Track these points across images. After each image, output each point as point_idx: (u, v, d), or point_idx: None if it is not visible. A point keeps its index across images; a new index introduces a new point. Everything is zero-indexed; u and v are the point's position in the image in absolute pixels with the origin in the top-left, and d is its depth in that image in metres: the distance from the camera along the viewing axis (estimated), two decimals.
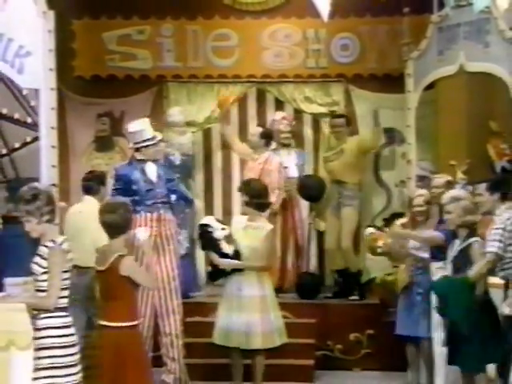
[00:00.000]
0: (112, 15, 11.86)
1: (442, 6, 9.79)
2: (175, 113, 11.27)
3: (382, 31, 11.80)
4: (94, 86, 11.86)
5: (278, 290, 9.93)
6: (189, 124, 11.64)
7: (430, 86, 10.45)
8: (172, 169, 10.29)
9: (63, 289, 6.26)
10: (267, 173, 10.82)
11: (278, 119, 11.45)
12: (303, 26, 11.88)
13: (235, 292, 8.64)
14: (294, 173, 11.22)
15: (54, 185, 8.39)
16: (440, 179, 9.06)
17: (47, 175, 8.68)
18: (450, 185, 8.93)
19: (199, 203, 11.23)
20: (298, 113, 12.07)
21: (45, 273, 6.17)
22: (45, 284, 6.15)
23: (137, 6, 11.78)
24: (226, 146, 11.81)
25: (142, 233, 7.08)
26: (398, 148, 11.52)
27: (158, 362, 9.24)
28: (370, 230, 9.51)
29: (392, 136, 11.65)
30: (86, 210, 8.75)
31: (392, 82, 11.18)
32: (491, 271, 7.31)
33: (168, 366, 9.36)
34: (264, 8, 11.95)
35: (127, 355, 6.59)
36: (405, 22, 10.43)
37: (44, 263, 6.18)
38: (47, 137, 8.86)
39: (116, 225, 6.73)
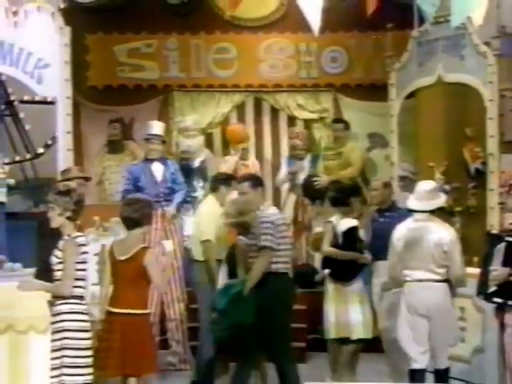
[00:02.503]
0: (123, 31, 11.86)
1: (421, 22, 9.77)
2: (187, 119, 11.29)
3: (368, 45, 11.82)
4: (106, 94, 11.86)
5: None
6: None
7: (411, 95, 10.43)
8: (189, 171, 10.39)
9: (78, 279, 6.28)
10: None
11: (293, 135, 11.37)
12: (296, 40, 11.89)
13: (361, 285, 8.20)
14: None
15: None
16: (377, 181, 8.87)
17: None
18: (386, 187, 8.70)
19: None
20: (292, 119, 12.07)
21: (60, 263, 6.19)
22: (59, 273, 6.17)
23: (145, 22, 11.76)
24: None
25: (169, 244, 7.09)
26: (382, 151, 11.52)
27: (164, 344, 9.27)
28: (318, 229, 9.05)
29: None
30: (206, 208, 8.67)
31: (376, 91, 11.18)
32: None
33: (173, 348, 9.41)
34: (260, 24, 11.96)
35: (137, 341, 6.56)
36: (388, 37, 10.42)
37: (60, 254, 6.22)
38: (63, 140, 8.88)
39: (132, 218, 6.71)
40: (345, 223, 8.07)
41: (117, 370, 6.48)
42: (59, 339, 6.07)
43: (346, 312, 7.98)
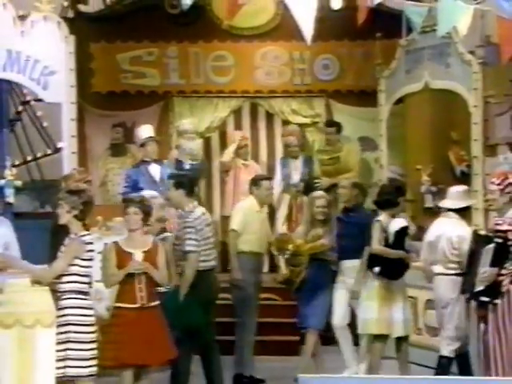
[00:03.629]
0: (125, 39, 11.85)
1: (409, 31, 9.80)
2: (186, 122, 11.31)
3: (358, 53, 11.82)
4: (109, 100, 11.86)
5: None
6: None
7: (399, 101, 10.47)
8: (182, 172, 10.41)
9: (83, 275, 6.30)
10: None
11: (287, 136, 11.30)
12: (290, 49, 11.90)
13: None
14: (297, 179, 11.04)
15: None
16: (347, 181, 8.78)
17: None
18: (354, 187, 8.59)
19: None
20: (286, 124, 12.08)
21: None
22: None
23: (146, 31, 11.77)
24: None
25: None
26: (372, 154, 11.54)
27: None
28: (282, 230, 9.12)
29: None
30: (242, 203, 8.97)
31: (366, 97, 11.19)
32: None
33: None
34: (256, 33, 11.95)
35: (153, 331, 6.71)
36: (377, 46, 10.45)
37: (63, 250, 6.26)
38: (68, 144, 8.89)
39: None
40: (396, 223, 7.94)
41: (132, 360, 6.60)
42: (64, 332, 6.10)
43: (390, 309, 7.84)
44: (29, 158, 10.09)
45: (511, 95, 9.40)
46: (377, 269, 7.86)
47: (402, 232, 7.89)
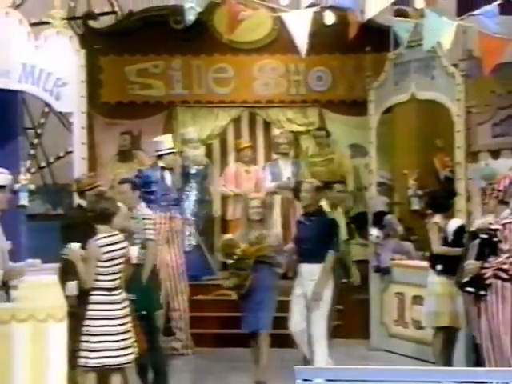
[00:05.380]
0: (132, 53, 11.84)
1: (397, 46, 9.79)
2: (191, 131, 11.32)
3: (349, 66, 11.80)
4: (117, 109, 11.85)
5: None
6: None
7: (388, 110, 10.47)
8: (188, 176, 10.42)
9: (106, 274, 6.37)
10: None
11: (277, 134, 11.54)
12: (286, 61, 11.89)
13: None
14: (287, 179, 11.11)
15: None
16: (310, 184, 8.27)
17: None
18: (317, 190, 8.16)
19: None
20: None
21: None
22: None
23: (152, 45, 11.75)
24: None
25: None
26: (362, 160, 11.54)
27: (169, 331, 9.30)
28: (228, 236, 8.75)
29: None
30: None
31: (357, 107, 11.16)
32: None
33: (177, 335, 9.44)
34: (254, 47, 11.94)
35: None
36: (367, 59, 10.45)
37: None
38: (79, 150, 8.89)
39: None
40: (454, 223, 8.04)
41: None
42: (97, 326, 6.30)
43: (454, 303, 7.87)
44: (42, 164, 10.08)
45: (492, 105, 9.43)
46: (439, 267, 7.91)
47: (461, 230, 7.91)
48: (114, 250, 6.41)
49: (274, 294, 7.94)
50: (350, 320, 9.93)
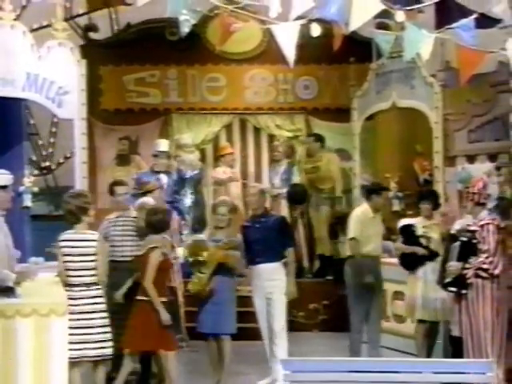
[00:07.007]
0: (130, 63, 11.84)
1: (379, 56, 9.84)
2: (185, 137, 11.30)
3: (335, 75, 11.84)
4: (116, 116, 11.85)
5: None
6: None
7: (370, 117, 10.50)
8: (183, 180, 10.41)
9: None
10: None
11: (276, 144, 11.56)
12: (275, 71, 11.91)
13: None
14: (278, 182, 11.15)
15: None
16: (255, 188, 8.14)
17: (80, 184, 8.70)
18: (262, 194, 7.97)
19: None
20: (271, 137, 12.07)
21: None
22: None
23: (149, 56, 11.76)
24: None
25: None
26: (346, 164, 11.54)
27: None
28: (200, 236, 8.64)
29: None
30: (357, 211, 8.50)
31: (342, 114, 11.17)
32: None
33: None
34: (245, 57, 11.96)
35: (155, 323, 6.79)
36: (351, 69, 10.52)
37: None
38: (79, 155, 8.87)
39: (155, 225, 6.96)
40: (400, 223, 8.28)
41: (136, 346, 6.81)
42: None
43: (435, 297, 7.84)
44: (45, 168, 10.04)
45: (468, 113, 9.46)
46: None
47: (405, 229, 8.12)
48: (83, 247, 6.49)
49: (234, 297, 7.64)
50: (335, 314, 9.94)
